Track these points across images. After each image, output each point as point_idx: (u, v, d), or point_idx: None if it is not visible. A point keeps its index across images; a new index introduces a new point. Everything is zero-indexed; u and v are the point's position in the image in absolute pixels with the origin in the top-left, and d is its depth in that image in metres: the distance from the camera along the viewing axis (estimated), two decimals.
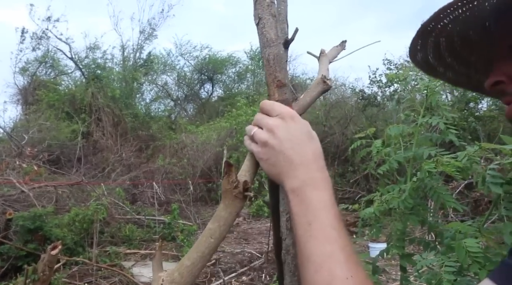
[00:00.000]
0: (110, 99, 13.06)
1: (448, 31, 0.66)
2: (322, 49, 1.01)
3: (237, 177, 0.77)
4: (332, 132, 11.97)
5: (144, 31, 15.94)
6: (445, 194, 1.74)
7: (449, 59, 0.75)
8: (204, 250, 0.75)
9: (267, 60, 0.79)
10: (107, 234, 6.88)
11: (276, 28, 0.80)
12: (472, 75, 0.78)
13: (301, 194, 0.62)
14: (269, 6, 0.81)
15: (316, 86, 0.86)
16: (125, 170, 11.07)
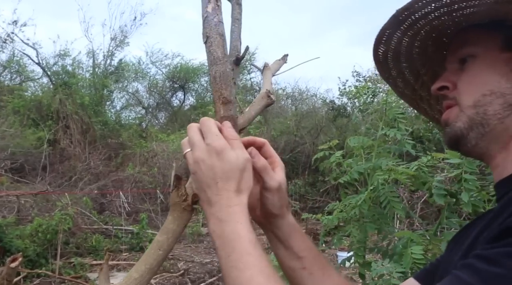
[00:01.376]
0: (79, 106, 12.77)
1: (415, 30, 0.70)
2: (266, 63, 1.05)
3: (187, 190, 0.80)
4: (303, 141, 12.13)
5: (115, 38, 15.74)
6: (396, 202, 1.82)
7: (404, 63, 0.79)
8: (152, 262, 0.77)
9: (213, 78, 0.82)
10: (72, 245, 6.70)
11: (223, 47, 0.84)
12: (417, 88, 0.84)
13: (217, 230, 0.65)
14: (216, 25, 0.85)
15: (261, 100, 0.90)
16: (93, 179, 10.82)
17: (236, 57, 0.97)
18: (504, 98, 0.62)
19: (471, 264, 0.48)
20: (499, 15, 0.61)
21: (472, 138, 0.65)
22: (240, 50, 1.01)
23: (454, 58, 0.69)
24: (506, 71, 0.62)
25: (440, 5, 0.62)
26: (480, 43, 0.65)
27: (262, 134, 12.64)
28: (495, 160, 0.66)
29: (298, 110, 13.39)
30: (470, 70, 0.65)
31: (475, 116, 0.64)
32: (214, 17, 0.87)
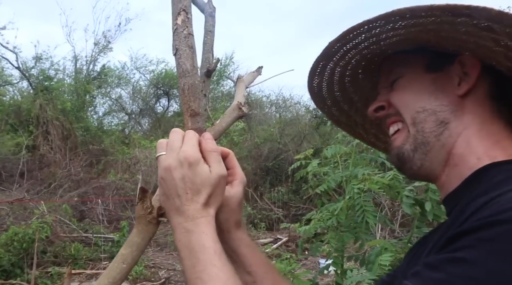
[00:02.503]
0: (60, 111, 12.56)
1: (346, 60, 0.74)
2: (239, 75, 1.06)
3: (152, 203, 0.80)
4: (286, 149, 12.17)
5: (98, 43, 15.59)
6: (370, 212, 1.85)
7: (337, 92, 0.83)
8: (116, 275, 0.76)
9: (182, 90, 0.83)
10: (50, 254, 6.55)
11: (192, 59, 0.85)
12: (352, 115, 0.89)
13: (183, 240, 0.66)
14: (186, 37, 0.85)
15: (232, 112, 0.91)
16: (74, 186, 10.62)
17: (207, 69, 0.97)
18: (435, 115, 0.66)
19: (418, 271, 0.51)
20: (421, 42, 0.67)
21: (417, 160, 0.68)
22: (211, 62, 1.01)
23: (385, 82, 0.74)
24: (432, 90, 0.67)
25: (370, 35, 0.66)
26: (406, 65, 0.71)
27: (245, 141, 12.65)
28: (440, 180, 0.69)
29: (282, 117, 13.45)
30: (400, 87, 0.71)
31: (417, 134, 0.67)
32: (183, 29, 0.88)
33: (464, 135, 0.65)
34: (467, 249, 0.47)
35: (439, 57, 0.68)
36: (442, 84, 0.67)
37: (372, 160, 2.36)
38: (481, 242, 0.46)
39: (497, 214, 0.47)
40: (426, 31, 0.63)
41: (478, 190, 0.58)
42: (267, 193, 11.66)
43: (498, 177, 0.58)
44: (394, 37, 0.66)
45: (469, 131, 0.65)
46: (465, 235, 0.48)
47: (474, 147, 0.64)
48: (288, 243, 9.07)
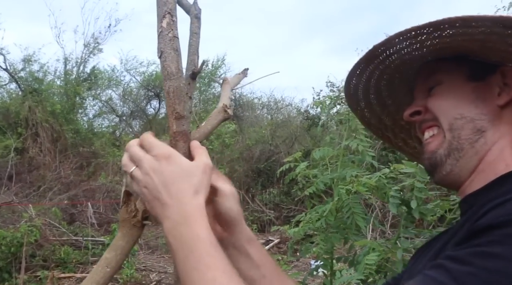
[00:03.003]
0: (50, 113, 12.44)
1: (386, 64, 0.76)
2: (225, 77, 1.07)
3: (137, 206, 0.79)
4: (278, 151, 12.19)
5: (89, 44, 15.48)
6: (358, 213, 1.87)
7: (372, 95, 0.85)
8: (99, 280, 0.75)
9: (167, 93, 0.82)
10: (39, 258, 6.46)
11: (177, 62, 0.85)
12: (383, 118, 0.90)
13: (175, 233, 0.64)
14: (171, 40, 0.85)
15: (217, 115, 0.91)
16: (64, 189, 10.51)
17: (192, 71, 0.97)
18: (473, 123, 0.67)
19: (442, 264, 0.51)
20: (463, 51, 0.68)
21: (448, 165, 0.70)
22: (197, 64, 1.01)
23: (423, 88, 0.75)
24: (473, 99, 0.68)
25: (415, 42, 0.68)
26: (446, 73, 0.72)
27: (237, 143, 12.64)
28: (463, 186, 0.70)
29: (273, 119, 13.47)
30: (439, 94, 0.72)
31: (452, 140, 0.69)
32: (168, 32, 0.87)
33: (499, 144, 0.67)
34: (494, 244, 0.48)
35: (481, 66, 0.69)
36: (483, 93, 0.69)
37: (360, 161, 2.38)
38: (508, 237, 0.47)
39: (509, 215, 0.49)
40: (472, 41, 0.64)
41: (499, 192, 0.60)
42: (258, 194, 11.66)
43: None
44: (439, 44, 0.67)
45: (504, 140, 0.67)
46: (490, 230, 0.49)
47: (505, 155, 0.66)
48: (280, 244, 9.07)
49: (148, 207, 0.70)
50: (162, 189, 0.66)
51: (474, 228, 0.52)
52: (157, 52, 0.87)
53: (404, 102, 0.82)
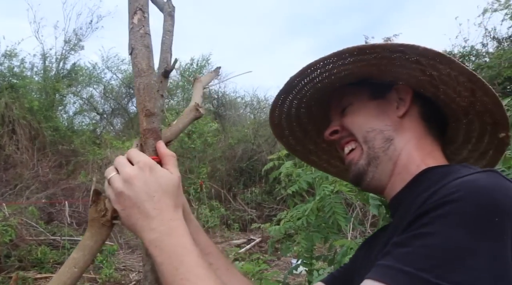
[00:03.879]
0: (27, 110, 12.15)
1: (303, 93, 0.86)
2: (197, 76, 1.06)
3: (106, 205, 0.78)
4: (260, 150, 12.21)
5: (69, 41, 15.17)
6: (339, 213, 1.88)
7: (294, 123, 0.94)
8: (66, 280, 0.74)
9: (137, 90, 0.81)
10: (15, 258, 6.31)
11: (148, 59, 0.84)
12: (306, 143, 1.00)
13: (161, 245, 0.66)
14: (142, 37, 0.84)
15: (189, 113, 0.90)
16: (41, 187, 10.29)
17: (164, 69, 0.96)
18: (382, 133, 0.79)
19: (389, 251, 0.59)
20: (364, 75, 0.80)
21: (370, 172, 0.80)
22: (170, 62, 1.00)
23: (337, 110, 0.87)
24: (378, 113, 0.81)
25: (324, 71, 0.79)
26: (353, 95, 0.85)
27: (219, 142, 12.61)
28: (386, 189, 0.81)
29: (256, 118, 13.47)
30: (350, 113, 0.84)
31: (369, 150, 0.80)
32: (140, 28, 0.86)
33: (406, 149, 0.78)
34: (426, 226, 0.55)
35: (379, 86, 0.82)
36: (384, 108, 0.81)
37: None
38: (436, 218, 0.55)
39: (445, 196, 0.56)
40: (369, 65, 0.76)
41: (420, 188, 0.69)
42: (240, 194, 11.66)
43: (436, 176, 0.68)
44: (343, 71, 0.78)
45: (410, 145, 0.79)
46: (422, 216, 0.57)
47: (414, 157, 0.78)
48: (262, 243, 9.09)
49: (123, 214, 0.71)
50: (145, 198, 0.69)
51: (410, 219, 0.59)
52: (128, 49, 0.86)
53: (322, 125, 0.92)
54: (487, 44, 11.21)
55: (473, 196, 0.54)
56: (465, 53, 11.21)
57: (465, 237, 0.52)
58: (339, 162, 0.98)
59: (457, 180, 0.58)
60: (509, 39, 10.81)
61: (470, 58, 11.15)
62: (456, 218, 0.53)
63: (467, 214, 0.53)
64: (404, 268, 0.53)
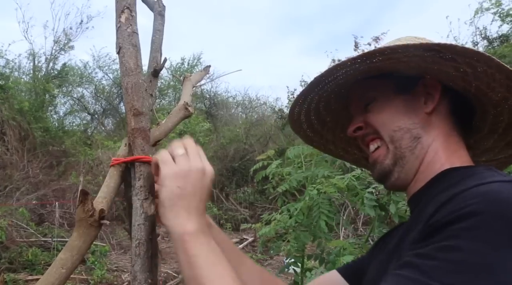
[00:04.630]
0: (17, 111, 12.02)
1: (325, 89, 0.84)
2: (186, 74, 1.06)
3: (93, 205, 0.78)
4: (252, 149, 12.21)
5: (59, 41, 15.03)
6: (325, 213, 1.89)
7: (312, 116, 0.93)
8: (54, 281, 0.73)
9: (125, 89, 0.81)
10: (5, 260, 6.25)
11: (136, 58, 0.83)
12: (324, 134, 0.99)
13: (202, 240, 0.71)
14: (130, 35, 0.84)
15: (178, 112, 0.90)
16: (32, 189, 10.18)
17: (154, 68, 0.96)
18: (410, 132, 0.76)
19: (410, 262, 0.57)
20: (387, 69, 0.76)
21: (396, 172, 0.78)
22: (159, 61, 1.00)
23: (359, 105, 0.84)
24: (405, 111, 0.77)
25: (350, 69, 0.76)
26: (377, 89, 0.81)
27: (211, 142, 12.59)
28: (408, 187, 0.79)
29: (248, 118, 13.46)
30: (375, 110, 0.80)
31: (395, 150, 0.77)
32: (127, 27, 0.86)
33: (433, 146, 0.76)
34: (452, 238, 0.53)
35: (404, 80, 0.78)
36: (412, 104, 0.77)
37: (333, 161, 2.41)
38: (461, 231, 0.53)
39: (468, 206, 0.55)
40: (398, 62, 0.73)
41: (440, 188, 0.68)
42: (233, 193, 11.65)
43: (456, 178, 0.68)
44: (370, 68, 0.75)
45: (437, 143, 0.76)
46: (447, 226, 0.55)
47: (439, 155, 0.75)
48: (254, 243, 9.10)
49: (177, 191, 0.73)
50: (198, 192, 0.74)
51: (433, 225, 0.58)
52: (115, 48, 0.85)
53: (341, 115, 0.92)
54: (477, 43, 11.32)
55: (497, 209, 0.53)
56: None
57: (491, 253, 0.51)
58: (357, 150, 0.96)
59: (480, 188, 0.58)
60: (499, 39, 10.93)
61: None
62: (481, 233, 0.52)
63: (493, 229, 0.52)
64: (430, 282, 0.52)
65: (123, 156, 0.83)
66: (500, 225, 0.52)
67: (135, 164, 0.80)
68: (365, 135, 0.83)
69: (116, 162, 0.82)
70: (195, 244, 0.69)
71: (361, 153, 0.93)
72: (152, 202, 0.79)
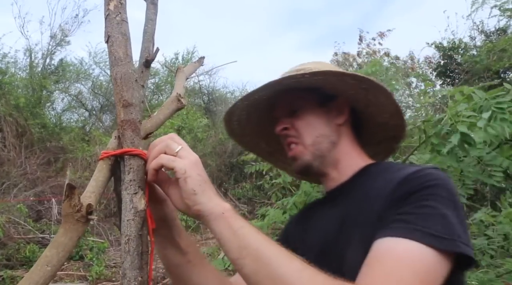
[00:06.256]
0: (14, 107, 11.95)
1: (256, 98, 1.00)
2: (179, 65, 1.03)
3: (81, 200, 0.75)
4: None
5: (55, 36, 14.92)
6: None
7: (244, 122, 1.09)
8: (39, 280, 0.70)
9: (114, 79, 0.78)
10: (2, 257, 6.23)
11: (125, 47, 0.80)
12: (245, 131, 1.14)
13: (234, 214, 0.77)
14: (119, 24, 0.81)
15: (171, 104, 0.87)
16: (30, 185, 10.15)
17: (146, 59, 0.93)
18: (328, 138, 0.98)
19: (399, 219, 0.75)
20: (314, 85, 0.96)
21: (315, 166, 0.98)
22: (151, 51, 0.97)
23: (286, 109, 1.02)
24: (325, 120, 0.99)
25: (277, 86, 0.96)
26: (303, 100, 1.00)
27: (210, 138, 12.55)
28: (329, 176, 1.00)
29: None
30: (302, 118, 0.99)
31: (316, 151, 0.98)
32: (116, 15, 0.83)
33: (346, 150, 1.00)
34: (423, 201, 0.76)
35: (324, 96, 1.00)
36: (329, 116, 1.00)
37: None
38: (428, 196, 0.77)
39: (428, 181, 0.79)
40: (328, 83, 0.95)
41: (372, 175, 0.92)
42: (231, 189, 11.64)
43: (380, 167, 0.95)
44: (296, 82, 0.94)
45: (348, 147, 1.00)
46: (416, 193, 0.77)
47: (353, 157, 1.00)
48: None
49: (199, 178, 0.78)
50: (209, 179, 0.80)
51: (405, 194, 0.78)
52: (104, 37, 0.82)
53: (263, 117, 1.09)
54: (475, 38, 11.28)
55: (443, 183, 0.80)
56: (454, 46, 11.27)
57: (444, 208, 0.75)
58: (282, 148, 1.09)
59: (426, 171, 0.82)
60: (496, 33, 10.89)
61: (459, 51, 11.21)
62: (439, 197, 0.77)
63: (444, 195, 0.77)
64: (416, 227, 0.72)
65: (113, 149, 0.80)
66: (446, 193, 0.78)
67: (125, 157, 0.77)
68: (288, 135, 1.00)
69: (105, 155, 0.79)
70: (236, 219, 0.76)
71: (269, 148, 1.17)
72: (142, 197, 0.76)
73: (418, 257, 0.69)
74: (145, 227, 0.76)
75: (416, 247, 0.70)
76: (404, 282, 0.66)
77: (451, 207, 0.76)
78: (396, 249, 0.70)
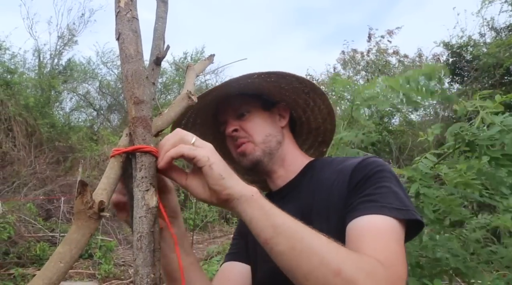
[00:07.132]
0: (23, 107, 12.07)
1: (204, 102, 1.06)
2: (189, 63, 1.03)
3: (93, 197, 0.75)
4: None
5: (63, 36, 15.04)
6: None
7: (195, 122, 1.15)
8: (52, 276, 0.70)
9: (125, 76, 0.78)
10: (13, 255, 6.29)
11: (136, 44, 0.80)
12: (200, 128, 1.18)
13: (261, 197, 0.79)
14: (129, 21, 0.80)
15: (181, 101, 0.86)
16: (39, 184, 10.25)
17: (156, 56, 0.92)
18: (276, 138, 1.08)
19: (364, 200, 0.86)
20: (259, 91, 1.08)
21: (265, 162, 1.06)
22: (162, 49, 0.96)
23: (233, 113, 1.09)
24: (271, 122, 1.09)
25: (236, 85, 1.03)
26: (249, 105, 1.09)
27: None
28: (277, 173, 1.09)
29: None
30: (250, 120, 1.08)
31: (266, 148, 1.06)
32: (127, 12, 0.83)
33: (289, 149, 1.11)
34: (378, 182, 0.88)
35: (268, 102, 1.11)
36: (274, 119, 1.11)
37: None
38: (381, 178, 0.89)
39: (376, 167, 0.92)
40: (275, 87, 1.07)
41: (314, 170, 1.05)
42: None
43: (323, 162, 1.07)
44: (241, 85, 1.03)
45: (290, 146, 1.12)
46: (371, 177, 0.89)
47: (297, 155, 1.12)
48: None
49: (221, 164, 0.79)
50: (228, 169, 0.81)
51: (362, 179, 0.90)
52: (115, 34, 0.82)
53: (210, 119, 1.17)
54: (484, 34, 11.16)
55: (387, 167, 0.92)
56: (462, 44, 11.16)
57: (394, 187, 0.88)
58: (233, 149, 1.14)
59: (371, 160, 0.95)
60: (507, 29, 10.76)
61: (468, 49, 11.09)
62: (387, 179, 0.89)
63: (391, 176, 0.90)
64: (380, 204, 0.84)
65: (124, 146, 0.80)
66: (390, 174, 0.91)
67: (136, 154, 0.77)
68: (238, 136, 1.07)
69: (116, 152, 0.79)
70: (264, 200, 0.78)
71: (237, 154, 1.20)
72: (154, 194, 0.76)
73: (391, 227, 0.81)
74: (157, 224, 0.76)
75: (387, 220, 0.81)
76: (389, 247, 0.77)
77: (398, 185, 0.89)
78: (375, 223, 0.81)
